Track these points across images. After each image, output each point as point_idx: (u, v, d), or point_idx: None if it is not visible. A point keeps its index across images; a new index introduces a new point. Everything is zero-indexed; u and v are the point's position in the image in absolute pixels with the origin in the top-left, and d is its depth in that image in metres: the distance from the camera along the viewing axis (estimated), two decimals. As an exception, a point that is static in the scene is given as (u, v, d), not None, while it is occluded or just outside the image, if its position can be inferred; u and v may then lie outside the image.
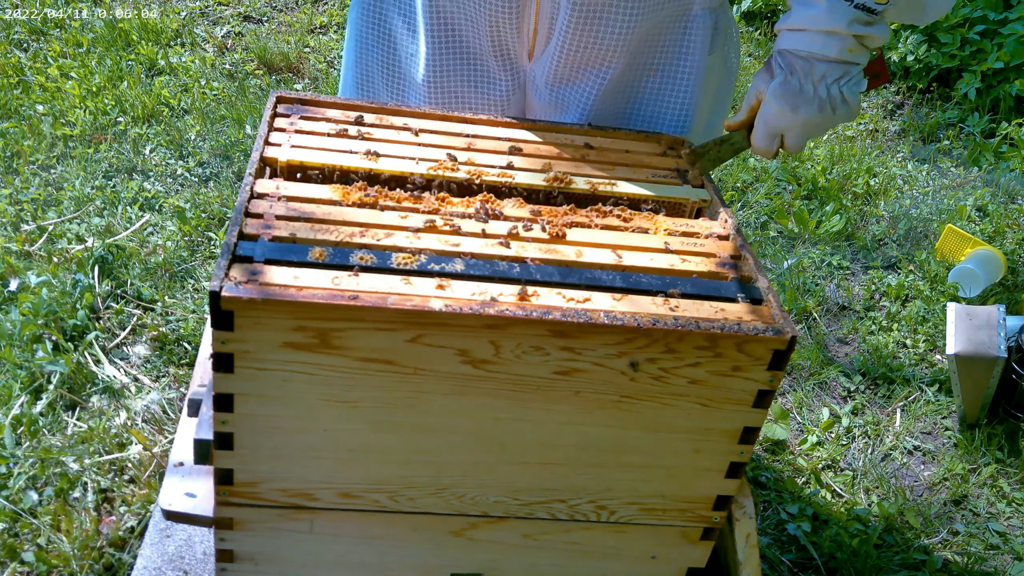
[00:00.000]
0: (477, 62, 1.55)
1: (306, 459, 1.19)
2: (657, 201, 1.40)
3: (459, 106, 1.58)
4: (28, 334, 2.38)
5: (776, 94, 1.34)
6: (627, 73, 1.54)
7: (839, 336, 2.94)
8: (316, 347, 1.09)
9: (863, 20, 1.30)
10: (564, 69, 1.52)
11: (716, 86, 1.63)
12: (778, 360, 1.17)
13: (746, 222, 3.38)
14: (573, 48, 1.48)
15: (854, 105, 1.36)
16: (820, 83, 1.33)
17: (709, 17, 1.51)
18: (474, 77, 1.57)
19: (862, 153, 3.83)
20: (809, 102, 1.33)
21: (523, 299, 1.12)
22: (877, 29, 1.31)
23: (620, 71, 1.53)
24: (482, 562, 1.33)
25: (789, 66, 1.34)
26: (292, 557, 1.29)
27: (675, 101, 1.57)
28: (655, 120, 1.59)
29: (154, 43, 3.99)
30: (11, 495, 2.02)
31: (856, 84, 1.35)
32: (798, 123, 1.35)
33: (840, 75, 1.33)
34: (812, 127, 1.35)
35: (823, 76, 1.33)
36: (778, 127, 1.37)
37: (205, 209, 3.01)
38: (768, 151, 1.40)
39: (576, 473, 1.25)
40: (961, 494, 2.42)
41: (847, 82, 1.34)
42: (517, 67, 1.55)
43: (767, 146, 1.39)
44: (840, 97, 1.34)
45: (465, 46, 1.54)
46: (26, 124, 3.30)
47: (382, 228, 1.22)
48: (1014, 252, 3.32)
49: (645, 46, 1.52)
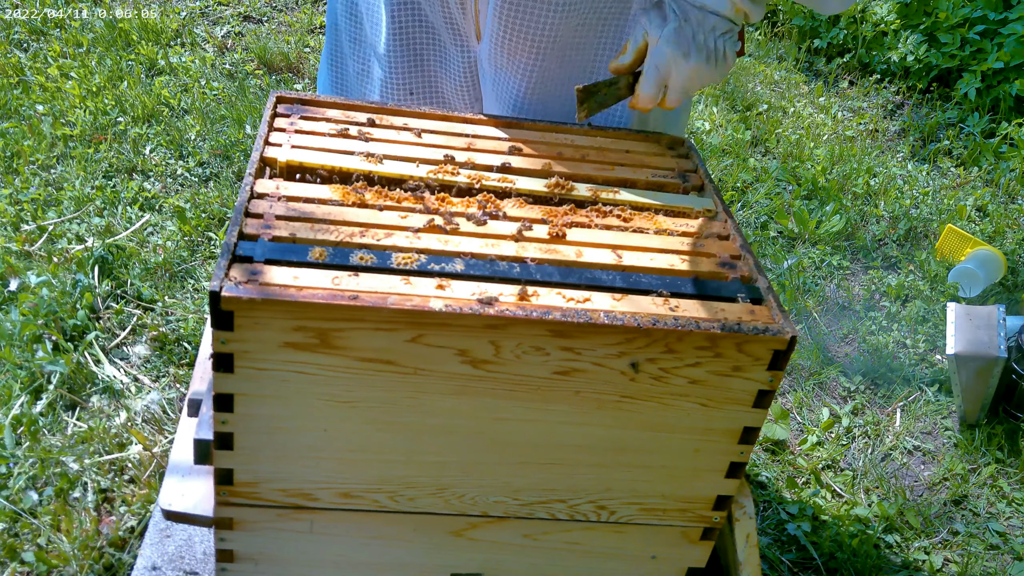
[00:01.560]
0: (435, 36, 1.58)
1: (306, 459, 1.19)
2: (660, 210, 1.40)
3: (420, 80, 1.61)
4: (28, 334, 2.38)
5: (670, 39, 1.37)
6: (563, 69, 1.54)
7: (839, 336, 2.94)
8: (316, 347, 1.09)
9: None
10: (499, 56, 1.52)
11: None
12: (778, 360, 1.17)
13: (746, 222, 3.38)
14: (503, 34, 1.49)
15: (730, 63, 1.41)
16: (711, 34, 1.38)
17: None
18: (433, 50, 1.60)
19: (862, 153, 3.83)
20: (700, 50, 1.37)
21: (523, 299, 1.12)
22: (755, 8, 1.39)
23: (555, 66, 1.52)
24: (482, 562, 1.33)
25: (684, 13, 1.38)
26: (292, 557, 1.29)
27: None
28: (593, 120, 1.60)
29: (154, 43, 3.99)
30: (11, 495, 2.02)
31: (735, 43, 1.41)
32: (687, 70, 1.37)
33: (726, 30, 1.39)
34: (696, 77, 1.39)
35: (713, 28, 1.38)
36: (667, 72, 1.39)
37: (205, 209, 3.01)
38: (652, 98, 1.41)
39: (576, 473, 1.25)
40: (961, 494, 2.42)
41: (730, 39, 1.40)
42: (467, 46, 1.57)
43: (653, 92, 1.41)
44: (722, 52, 1.39)
45: (424, 19, 1.57)
46: (26, 124, 3.30)
47: (382, 228, 1.22)
48: (1014, 252, 3.32)
49: (580, 43, 1.52)
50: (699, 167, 1.50)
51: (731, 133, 3.88)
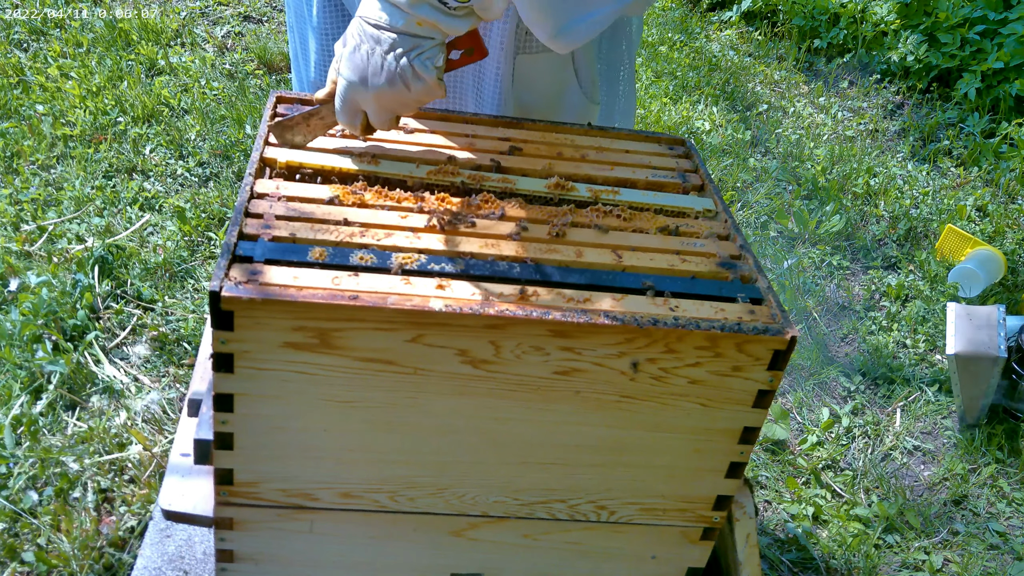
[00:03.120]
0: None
1: (306, 459, 1.19)
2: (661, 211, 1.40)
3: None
4: (28, 334, 2.38)
5: (347, 67, 1.27)
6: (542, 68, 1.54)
7: (839, 336, 2.94)
8: (316, 347, 1.09)
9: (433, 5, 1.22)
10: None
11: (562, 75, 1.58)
12: (778, 360, 1.17)
13: (746, 222, 3.38)
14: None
15: (430, 80, 1.26)
16: (390, 55, 1.24)
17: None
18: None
19: (862, 153, 3.83)
20: (378, 74, 1.25)
21: (523, 299, 1.12)
22: (449, 21, 1.23)
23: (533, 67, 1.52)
24: (482, 562, 1.33)
25: (361, 34, 1.26)
26: (292, 557, 1.29)
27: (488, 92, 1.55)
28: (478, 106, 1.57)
29: (154, 43, 3.99)
30: (11, 495, 2.02)
31: (431, 59, 1.25)
32: (370, 97, 1.27)
33: (410, 47, 1.24)
34: (388, 102, 1.27)
35: (391, 47, 1.24)
36: (354, 101, 1.29)
37: (205, 209, 3.01)
38: (352, 126, 1.32)
39: (576, 473, 1.25)
40: (961, 494, 2.42)
41: (418, 56, 1.25)
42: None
43: (349, 120, 1.31)
44: (412, 72, 1.25)
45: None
46: (26, 124, 3.30)
47: (382, 228, 1.22)
48: (1014, 252, 3.32)
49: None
50: (699, 167, 1.50)
51: (731, 133, 3.88)
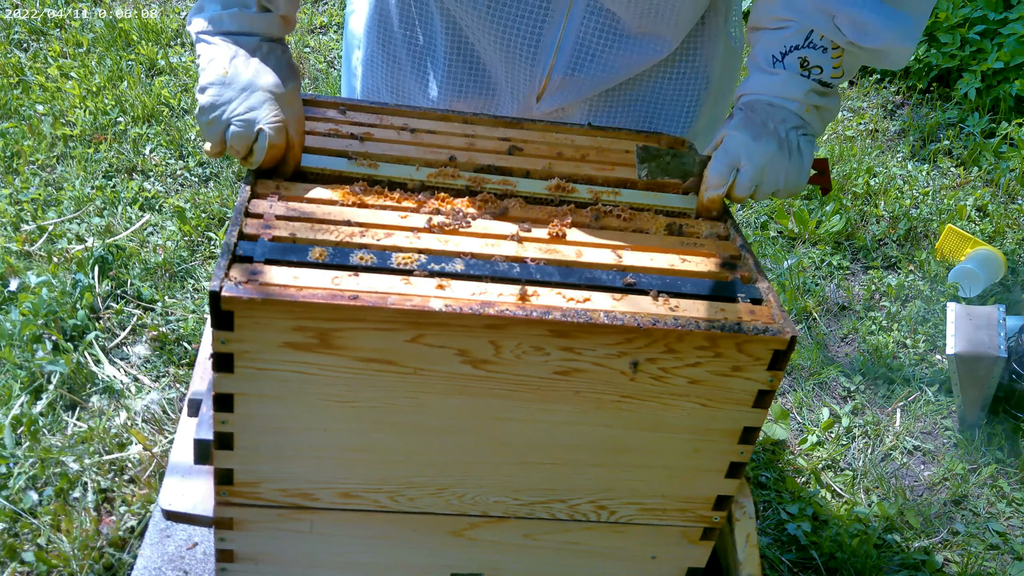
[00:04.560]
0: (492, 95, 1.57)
1: (306, 459, 1.19)
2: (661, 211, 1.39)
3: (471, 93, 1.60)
4: (28, 334, 2.38)
5: (737, 126, 1.34)
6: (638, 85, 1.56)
7: (839, 336, 2.94)
8: (316, 347, 1.09)
9: (819, 91, 1.36)
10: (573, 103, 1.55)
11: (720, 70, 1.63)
12: (778, 360, 1.17)
13: (746, 222, 3.38)
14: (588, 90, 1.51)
15: (807, 162, 1.35)
16: (780, 124, 1.34)
17: (722, 5, 1.52)
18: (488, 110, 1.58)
19: (862, 153, 3.83)
20: (770, 135, 1.32)
21: (523, 299, 1.12)
22: (831, 100, 1.37)
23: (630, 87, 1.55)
24: (482, 562, 1.33)
25: (750, 107, 1.37)
26: (292, 557, 1.29)
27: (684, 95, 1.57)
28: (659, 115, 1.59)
29: (154, 43, 3.99)
30: (11, 495, 2.02)
31: (810, 141, 1.36)
32: (757, 153, 1.31)
33: (798, 124, 1.35)
34: (769, 163, 1.32)
35: (783, 120, 1.34)
36: (736, 155, 1.32)
37: (205, 209, 3.01)
38: (720, 182, 1.33)
39: (576, 473, 1.25)
40: (961, 494, 2.42)
41: (803, 133, 1.35)
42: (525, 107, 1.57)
43: (721, 174, 1.33)
44: (796, 145, 1.34)
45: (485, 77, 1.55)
46: (26, 124, 3.30)
47: (382, 228, 1.22)
48: (1014, 252, 3.32)
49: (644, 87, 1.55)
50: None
51: (731, 133, 3.88)
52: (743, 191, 1.32)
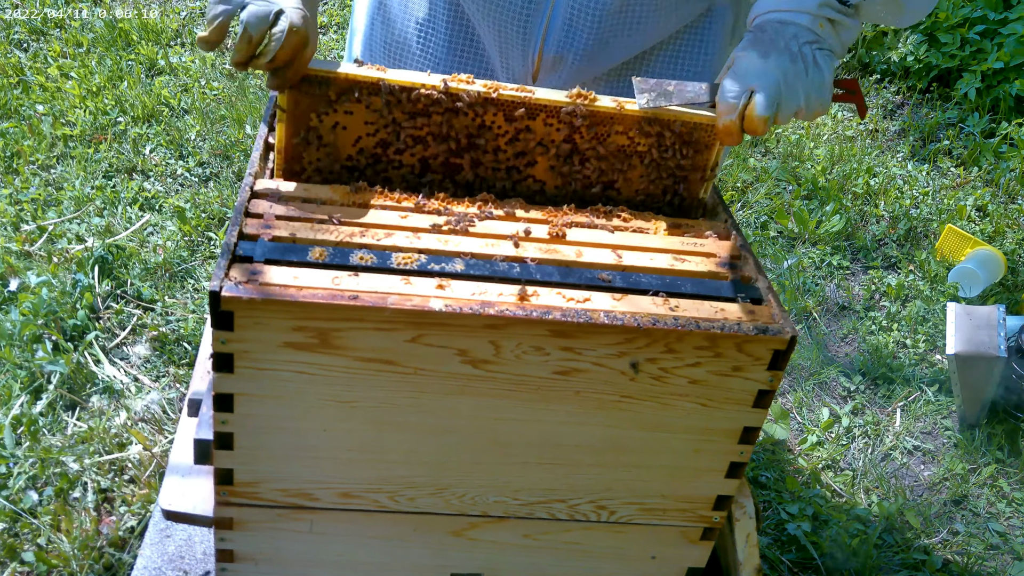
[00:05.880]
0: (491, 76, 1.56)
1: (306, 459, 1.19)
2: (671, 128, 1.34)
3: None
4: (28, 334, 2.38)
5: (745, 47, 1.27)
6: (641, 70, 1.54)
7: (839, 336, 2.94)
8: (316, 347, 1.09)
9: (835, 7, 1.26)
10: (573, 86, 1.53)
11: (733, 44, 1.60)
12: (778, 360, 1.17)
13: (746, 222, 3.38)
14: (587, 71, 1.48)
15: (827, 76, 1.24)
16: (792, 40, 1.24)
17: (730, 9, 1.51)
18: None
19: (862, 153, 3.83)
20: (780, 52, 1.23)
21: (523, 299, 1.12)
22: (849, 18, 1.28)
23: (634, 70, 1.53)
24: (482, 562, 1.33)
25: (760, 28, 1.29)
26: (292, 557, 1.29)
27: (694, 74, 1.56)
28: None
29: (154, 43, 3.99)
30: (11, 495, 2.02)
31: (828, 56, 1.26)
32: (769, 71, 1.22)
33: (812, 39, 1.25)
34: (784, 79, 1.23)
35: (795, 36, 1.25)
36: (747, 76, 1.24)
37: (205, 209, 3.01)
38: (732, 107, 1.24)
39: (576, 473, 1.25)
40: (961, 494, 2.42)
41: (819, 47, 1.26)
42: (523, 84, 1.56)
43: (734, 97, 1.24)
44: (812, 59, 1.24)
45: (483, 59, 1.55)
46: (26, 124, 3.30)
47: (382, 228, 1.22)
48: (1014, 252, 3.32)
49: (661, 43, 1.52)
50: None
51: (731, 133, 3.88)
52: (763, 111, 1.21)
